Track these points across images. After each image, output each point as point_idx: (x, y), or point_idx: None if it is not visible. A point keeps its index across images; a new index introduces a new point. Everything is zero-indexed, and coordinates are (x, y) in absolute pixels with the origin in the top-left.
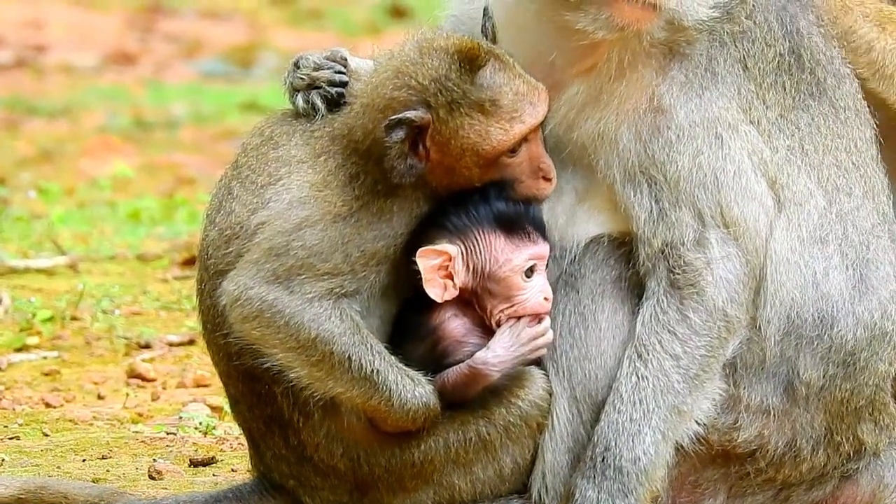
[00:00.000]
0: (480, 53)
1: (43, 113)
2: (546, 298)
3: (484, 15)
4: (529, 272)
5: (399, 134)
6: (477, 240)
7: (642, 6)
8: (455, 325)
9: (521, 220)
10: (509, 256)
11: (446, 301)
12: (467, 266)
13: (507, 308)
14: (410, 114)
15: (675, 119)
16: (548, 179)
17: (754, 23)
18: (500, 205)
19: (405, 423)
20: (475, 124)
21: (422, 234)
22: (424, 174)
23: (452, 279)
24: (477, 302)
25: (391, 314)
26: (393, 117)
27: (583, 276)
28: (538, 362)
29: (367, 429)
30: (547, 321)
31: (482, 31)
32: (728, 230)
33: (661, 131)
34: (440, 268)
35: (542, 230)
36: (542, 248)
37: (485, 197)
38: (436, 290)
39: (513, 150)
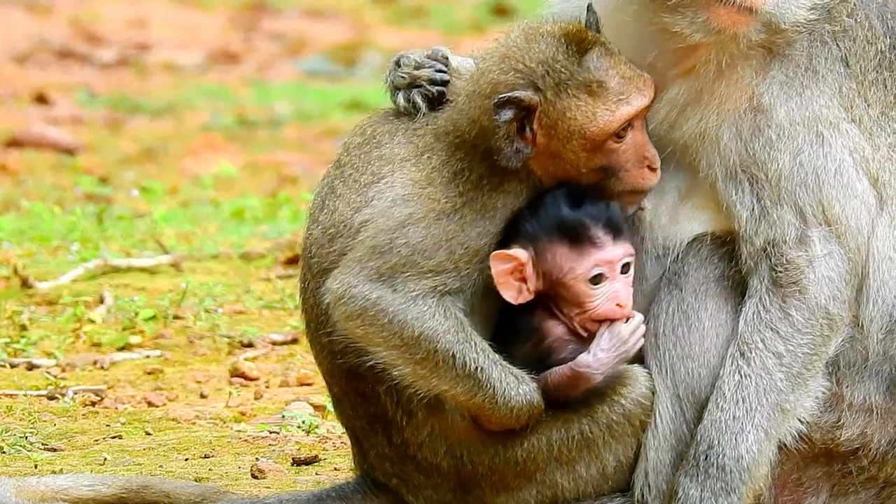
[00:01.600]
0: (587, 37)
1: (147, 112)
2: (619, 304)
3: (588, 10)
4: (597, 279)
5: (507, 114)
6: (544, 247)
7: (738, 9)
8: (556, 324)
9: (584, 228)
10: (572, 265)
11: (542, 303)
12: (537, 272)
13: (580, 314)
14: (519, 93)
15: (775, 118)
16: (653, 169)
17: (855, 21)
18: (565, 211)
19: (509, 421)
20: (582, 105)
21: (503, 235)
22: (530, 161)
23: (526, 283)
24: (555, 306)
25: (494, 312)
26: (502, 96)
27: (686, 274)
28: (640, 359)
29: (471, 427)
30: (639, 316)
31: (586, 26)
32: (830, 228)
33: (761, 130)
34: (514, 271)
35: (616, 231)
36: (611, 252)
37: (554, 201)
38: (510, 292)
39: (619, 136)
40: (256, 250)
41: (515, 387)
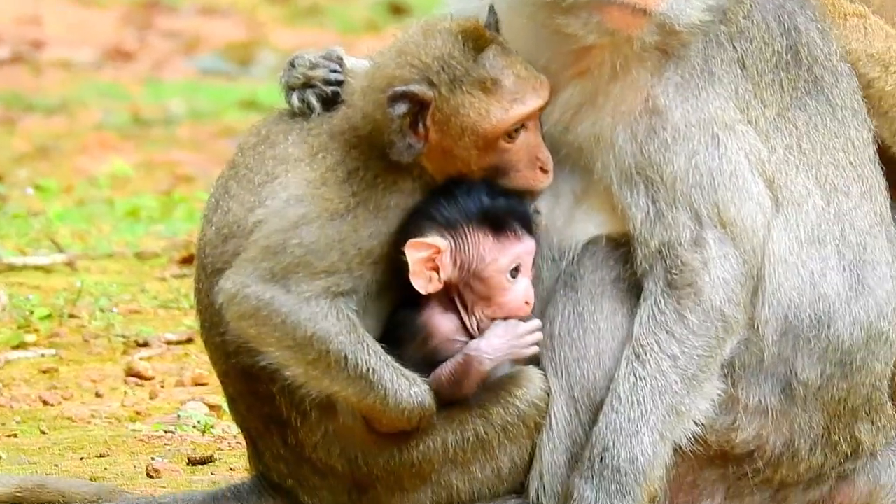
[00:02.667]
0: (484, 35)
1: (40, 109)
2: (527, 302)
3: (490, 12)
4: (514, 272)
5: (401, 108)
6: (465, 236)
7: (632, 11)
8: (443, 322)
9: (508, 218)
10: (496, 256)
11: (435, 299)
12: (454, 261)
13: (486, 308)
14: (413, 88)
15: (670, 120)
16: (545, 171)
17: (752, 22)
18: (489, 200)
19: (400, 423)
20: (475, 102)
21: (412, 225)
22: (422, 158)
23: (438, 272)
24: (459, 298)
25: (387, 313)
26: (396, 89)
27: (581, 276)
28: (536, 361)
29: (365, 429)
30: (537, 322)
31: (486, 26)
32: (725, 230)
33: (656, 132)
34: (427, 260)
35: (528, 226)
36: (528, 245)
37: (475, 191)
38: (421, 281)
39: (511, 135)
40: (151, 249)
41: (407, 389)
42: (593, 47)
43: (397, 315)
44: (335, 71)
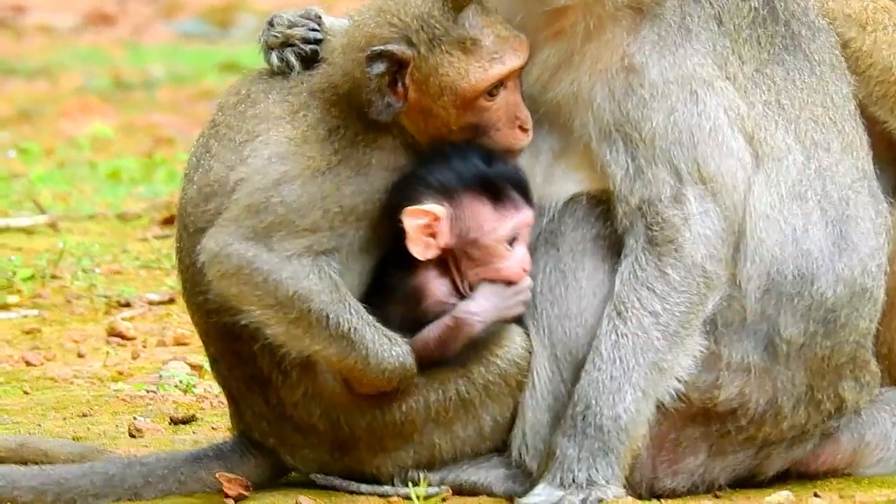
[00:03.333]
0: None
1: (22, 73)
2: (524, 269)
3: None
4: (512, 241)
5: (379, 67)
6: (464, 204)
7: None
8: (438, 285)
9: (507, 187)
10: (494, 226)
11: (429, 262)
12: (452, 229)
13: (482, 271)
14: (392, 47)
15: (648, 77)
16: (524, 130)
17: None
18: (485, 166)
19: (380, 384)
20: (455, 62)
21: (407, 190)
22: (401, 117)
23: (436, 238)
24: (454, 263)
25: (368, 271)
26: (375, 48)
27: (562, 234)
28: (517, 319)
29: (343, 389)
30: (528, 279)
31: None
32: (705, 186)
33: (634, 90)
34: (425, 227)
35: (527, 195)
36: (527, 215)
37: (469, 156)
38: (418, 248)
39: (491, 94)
40: (133, 210)
41: (388, 349)
42: (567, 7)
43: (388, 275)
44: (314, 29)
